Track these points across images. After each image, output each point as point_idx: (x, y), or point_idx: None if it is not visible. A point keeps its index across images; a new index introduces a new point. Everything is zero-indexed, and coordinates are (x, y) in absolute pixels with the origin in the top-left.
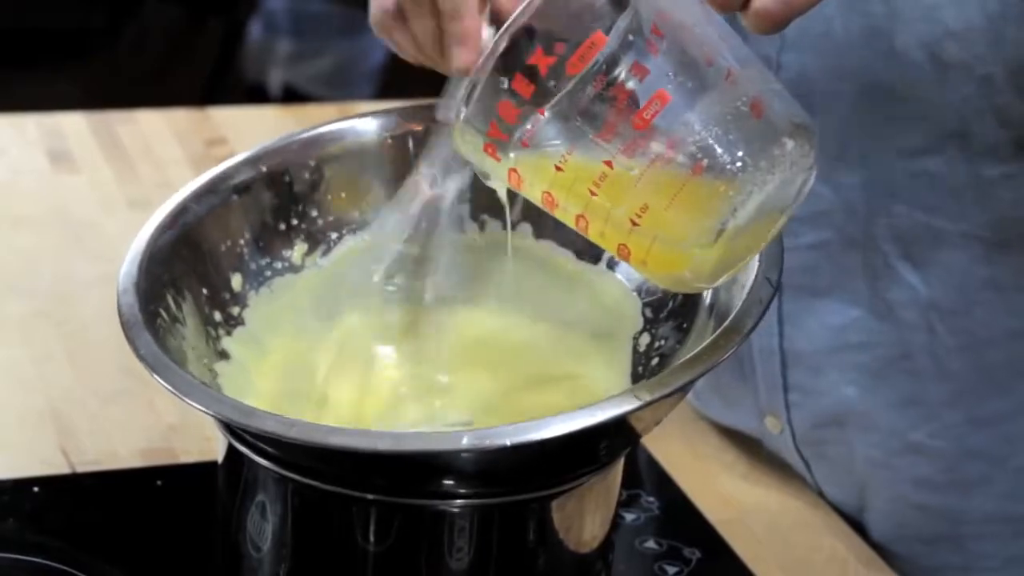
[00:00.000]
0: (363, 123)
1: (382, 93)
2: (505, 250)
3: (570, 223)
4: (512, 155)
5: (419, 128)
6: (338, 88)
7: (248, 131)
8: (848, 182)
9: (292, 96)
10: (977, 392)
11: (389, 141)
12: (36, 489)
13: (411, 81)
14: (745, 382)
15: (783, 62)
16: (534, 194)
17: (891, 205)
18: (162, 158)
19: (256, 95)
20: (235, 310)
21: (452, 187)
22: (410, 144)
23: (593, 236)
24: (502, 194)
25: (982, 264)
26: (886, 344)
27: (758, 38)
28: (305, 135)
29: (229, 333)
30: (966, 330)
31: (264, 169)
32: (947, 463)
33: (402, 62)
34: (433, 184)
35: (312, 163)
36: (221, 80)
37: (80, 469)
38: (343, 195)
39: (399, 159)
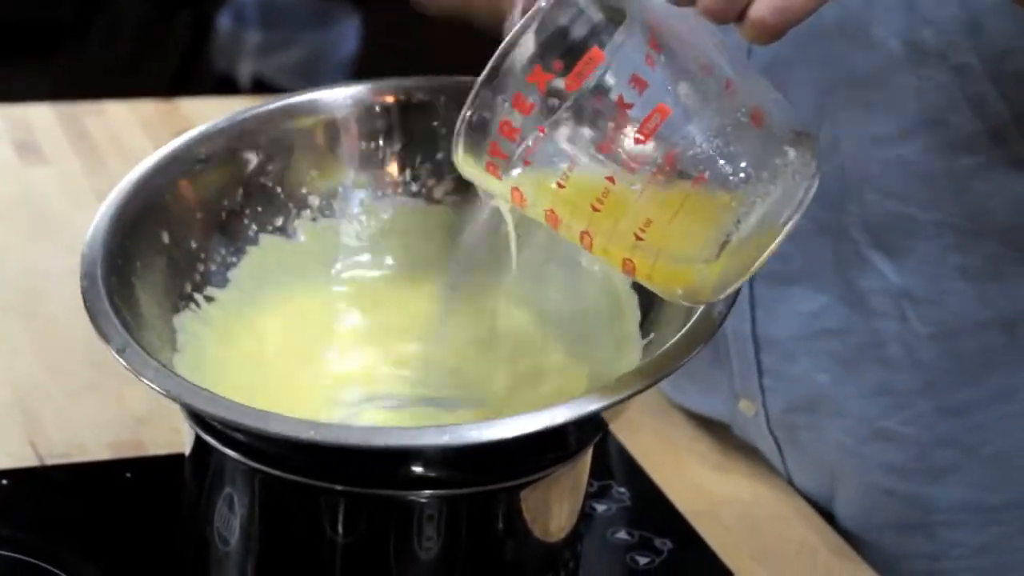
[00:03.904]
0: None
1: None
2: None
3: (574, 240)
4: (514, 173)
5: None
6: (308, 79)
7: None
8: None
9: (262, 88)
10: (948, 381)
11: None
12: (4, 482)
13: (381, 72)
14: (720, 365)
15: (755, 49)
16: (537, 212)
17: (863, 193)
18: (131, 150)
19: (225, 86)
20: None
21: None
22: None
23: (597, 252)
24: (505, 213)
25: (955, 253)
26: (857, 332)
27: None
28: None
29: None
30: (938, 319)
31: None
32: (917, 451)
33: (373, 53)
34: None
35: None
36: (190, 72)
37: (49, 462)
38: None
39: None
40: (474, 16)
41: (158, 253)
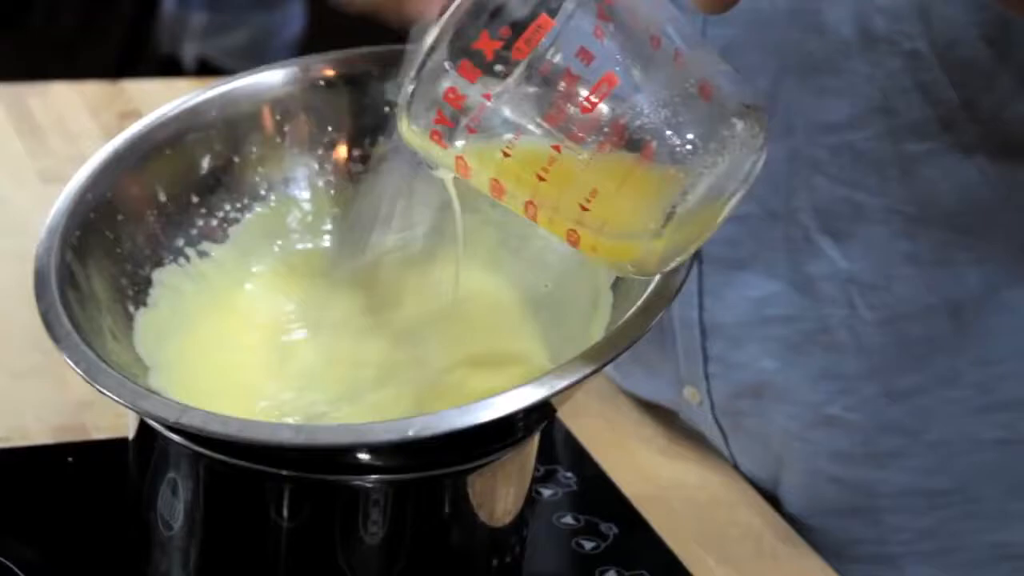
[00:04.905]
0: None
1: None
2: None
3: (519, 211)
4: (459, 143)
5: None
6: (254, 61)
7: (162, 104)
8: (771, 155)
9: (207, 70)
10: (894, 366)
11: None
12: None
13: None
14: (665, 352)
15: (708, 35)
16: (482, 182)
17: (813, 178)
18: (74, 131)
19: (170, 68)
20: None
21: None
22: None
23: (542, 223)
24: (448, 183)
25: (902, 239)
26: (805, 318)
27: (683, 8)
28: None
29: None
30: (885, 305)
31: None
32: (863, 436)
33: (319, 35)
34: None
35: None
36: (134, 53)
37: None
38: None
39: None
40: (384, 18)
41: (148, 207)
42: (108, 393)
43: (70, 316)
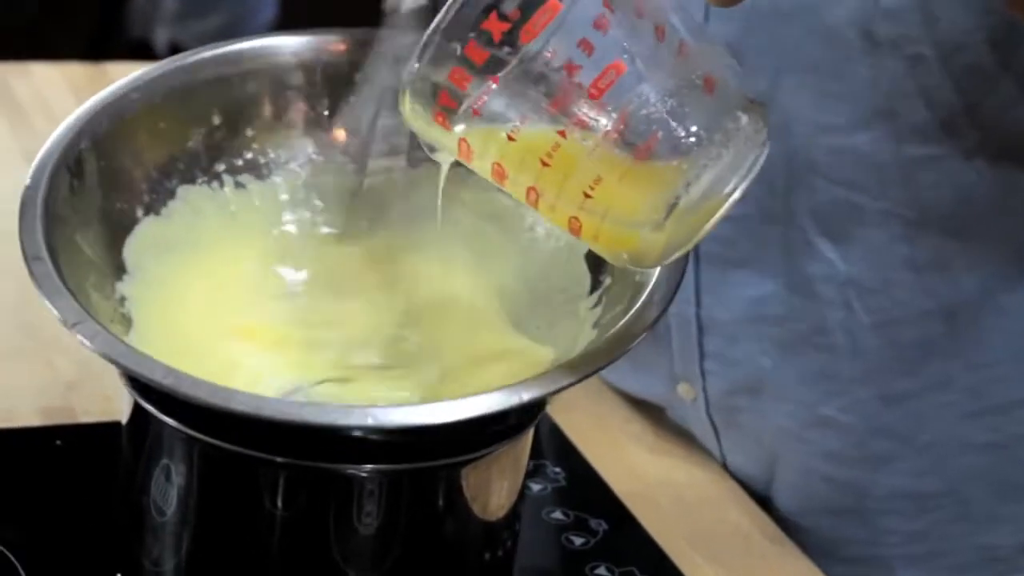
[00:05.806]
0: None
1: None
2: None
3: (520, 196)
4: (463, 125)
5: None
6: None
7: None
8: (769, 156)
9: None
10: (889, 370)
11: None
12: None
13: None
14: (659, 348)
15: (710, 30)
16: (484, 165)
17: (812, 180)
18: (57, 112)
19: (141, 53)
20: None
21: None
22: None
23: (543, 210)
24: (445, 167)
25: (901, 243)
26: (801, 318)
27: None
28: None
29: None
30: (882, 308)
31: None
32: (856, 438)
33: (291, 22)
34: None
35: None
36: (105, 38)
37: None
38: None
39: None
40: None
41: (198, 124)
42: (42, 295)
43: (49, 200)
